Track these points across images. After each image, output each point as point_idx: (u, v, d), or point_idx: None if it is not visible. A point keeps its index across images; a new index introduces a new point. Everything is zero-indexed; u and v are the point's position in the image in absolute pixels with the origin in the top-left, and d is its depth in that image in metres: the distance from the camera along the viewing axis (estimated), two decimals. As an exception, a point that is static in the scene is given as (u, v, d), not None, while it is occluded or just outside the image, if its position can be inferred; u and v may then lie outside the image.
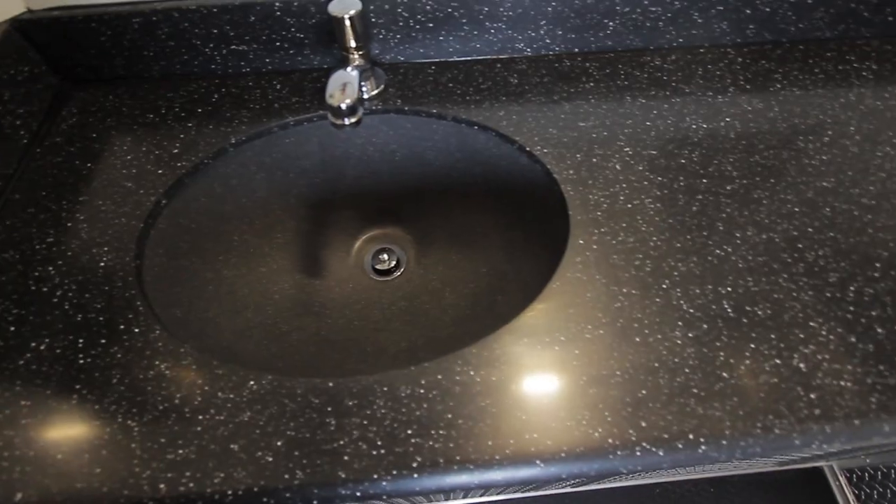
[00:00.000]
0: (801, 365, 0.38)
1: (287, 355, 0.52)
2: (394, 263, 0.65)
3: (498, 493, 0.86)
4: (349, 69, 0.45)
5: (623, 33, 0.58)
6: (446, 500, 0.71)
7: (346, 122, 0.43)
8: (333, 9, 0.47)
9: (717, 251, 0.44)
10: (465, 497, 0.90)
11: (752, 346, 0.39)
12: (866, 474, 1.12)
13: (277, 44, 0.55)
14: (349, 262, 0.66)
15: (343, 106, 0.42)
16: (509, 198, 0.55)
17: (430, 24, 0.54)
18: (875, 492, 1.11)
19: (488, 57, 0.58)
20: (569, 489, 1.13)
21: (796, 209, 0.47)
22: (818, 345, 0.39)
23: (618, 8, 0.55)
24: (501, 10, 0.53)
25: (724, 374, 0.38)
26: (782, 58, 0.59)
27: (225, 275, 0.55)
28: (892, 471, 1.08)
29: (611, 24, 0.56)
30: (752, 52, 0.60)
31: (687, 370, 0.38)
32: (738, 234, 0.45)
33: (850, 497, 1.15)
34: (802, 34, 0.60)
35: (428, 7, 0.52)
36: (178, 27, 0.53)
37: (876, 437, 0.36)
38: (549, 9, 0.54)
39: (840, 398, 0.37)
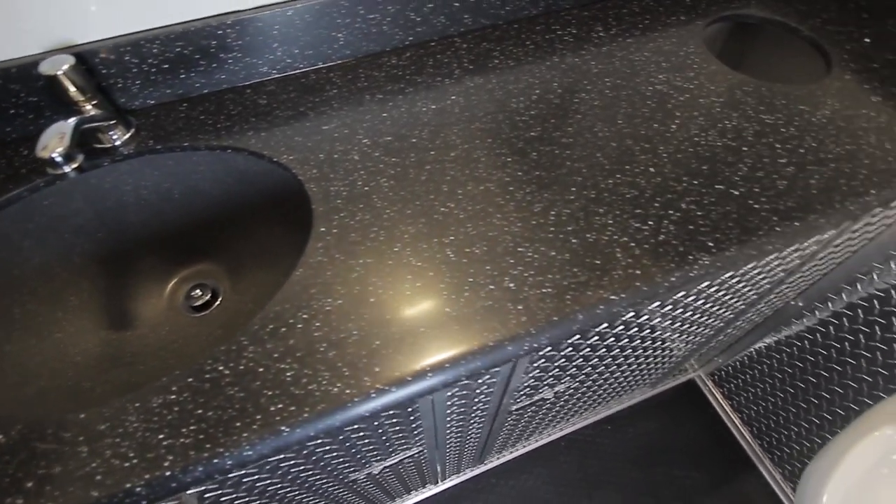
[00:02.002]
0: (511, 285, 0.45)
1: (83, 408, 0.52)
2: (209, 297, 0.67)
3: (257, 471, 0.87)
4: (69, 121, 0.47)
5: (356, 42, 0.64)
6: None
7: (66, 170, 0.44)
8: (44, 68, 0.49)
9: (442, 209, 0.50)
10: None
11: (471, 280, 0.45)
12: (723, 372, 1.27)
13: (12, 111, 0.55)
14: (163, 306, 0.66)
15: (54, 156, 0.44)
16: (278, 206, 0.59)
17: (166, 66, 0.57)
18: (733, 384, 1.26)
19: (237, 85, 0.62)
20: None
21: (508, 159, 0.54)
22: (525, 265, 0.46)
23: (338, 21, 0.61)
24: (228, 41, 0.58)
25: (447, 309, 0.44)
26: (500, 38, 0.69)
27: (7, 350, 0.54)
28: (740, 363, 1.23)
29: (340, 36, 0.63)
30: (476, 37, 0.69)
31: (415, 314, 0.43)
32: (459, 191, 0.52)
33: (719, 396, 1.29)
34: (514, 14, 0.70)
35: (155, 51, 0.56)
36: None
37: (574, 325, 0.44)
38: (275, 31, 0.59)
39: (542, 303, 0.44)
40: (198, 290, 0.67)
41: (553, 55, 0.66)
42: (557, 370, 0.66)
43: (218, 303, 0.67)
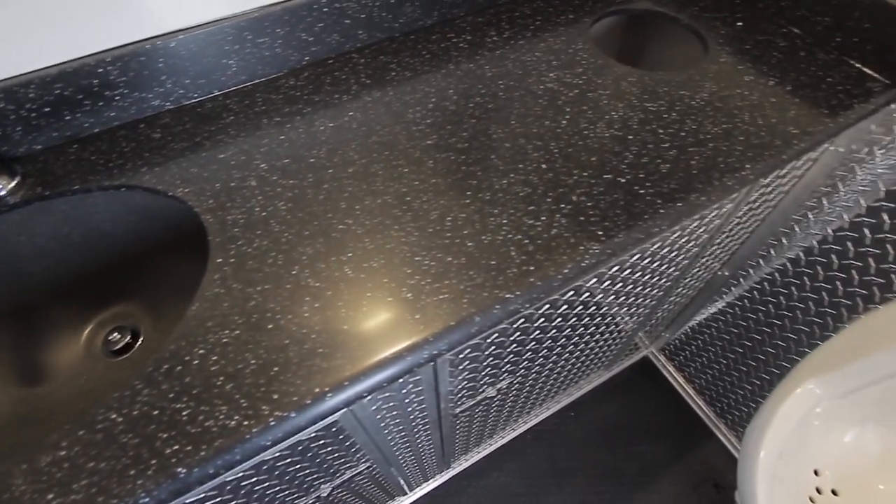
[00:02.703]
0: (409, 295, 0.46)
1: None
2: (129, 338, 0.65)
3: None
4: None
5: (250, 67, 0.64)
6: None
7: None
8: None
9: (340, 226, 0.51)
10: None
11: (369, 294, 0.46)
12: (673, 345, 1.31)
13: None
14: (80, 354, 0.64)
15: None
16: (181, 240, 0.58)
17: (47, 109, 0.56)
18: (683, 356, 1.31)
19: (130, 120, 0.61)
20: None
21: (405, 170, 0.55)
22: (422, 274, 0.47)
23: (227, 49, 0.61)
24: (111, 78, 0.57)
25: (346, 327, 0.44)
26: (397, 50, 0.70)
27: None
28: (687, 335, 1.28)
29: (231, 62, 0.62)
30: (373, 51, 0.69)
31: (313, 335, 0.44)
32: (357, 207, 0.52)
33: (671, 369, 1.34)
34: (409, 26, 0.72)
35: (31, 95, 0.54)
36: None
37: (472, 328, 0.45)
38: (161, 64, 0.58)
39: (439, 309, 0.45)
40: (116, 333, 0.65)
41: (449, 63, 0.67)
42: (490, 369, 0.67)
43: (139, 343, 0.65)
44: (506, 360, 0.68)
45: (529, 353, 0.72)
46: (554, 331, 0.69)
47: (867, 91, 0.64)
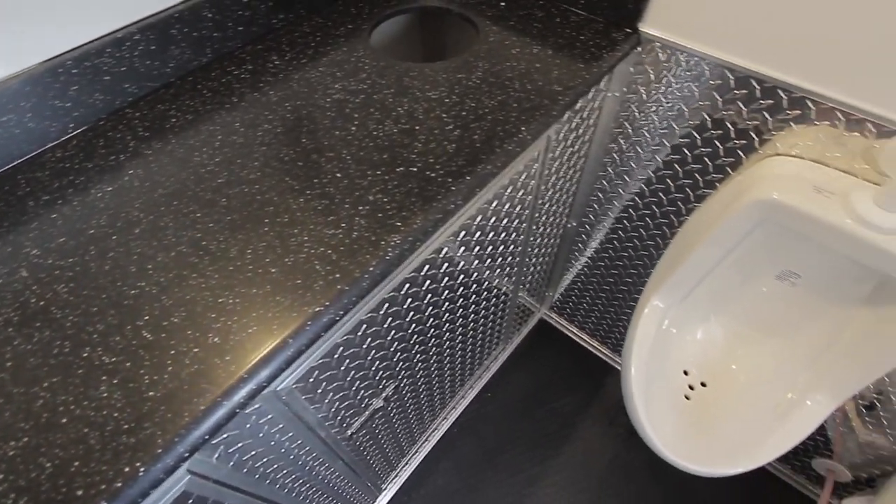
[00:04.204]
0: (216, 339, 0.44)
1: None
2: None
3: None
4: None
5: (2, 149, 0.58)
6: None
7: None
8: None
9: (133, 291, 0.48)
10: None
11: (173, 352, 0.44)
12: (559, 301, 1.41)
13: None
14: None
15: None
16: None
17: None
18: (569, 308, 1.41)
19: None
20: None
21: (198, 214, 0.53)
22: (227, 314, 0.46)
23: (-38, 135, 0.55)
24: None
25: (152, 393, 0.42)
26: (175, 95, 0.67)
27: None
28: (568, 288, 1.37)
29: (-26, 149, 0.56)
30: (148, 101, 0.66)
31: (115, 414, 0.41)
32: (149, 266, 0.49)
33: (564, 322, 1.43)
34: (183, 68, 0.69)
35: None
36: None
37: (288, 352, 0.44)
38: None
39: (249, 344, 0.44)
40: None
41: (232, 96, 0.66)
42: (361, 381, 0.67)
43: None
44: (375, 368, 0.69)
45: (400, 352, 0.73)
46: (415, 322, 0.71)
47: (613, 41, 0.73)
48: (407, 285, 0.61)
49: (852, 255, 0.66)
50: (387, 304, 0.59)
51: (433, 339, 0.82)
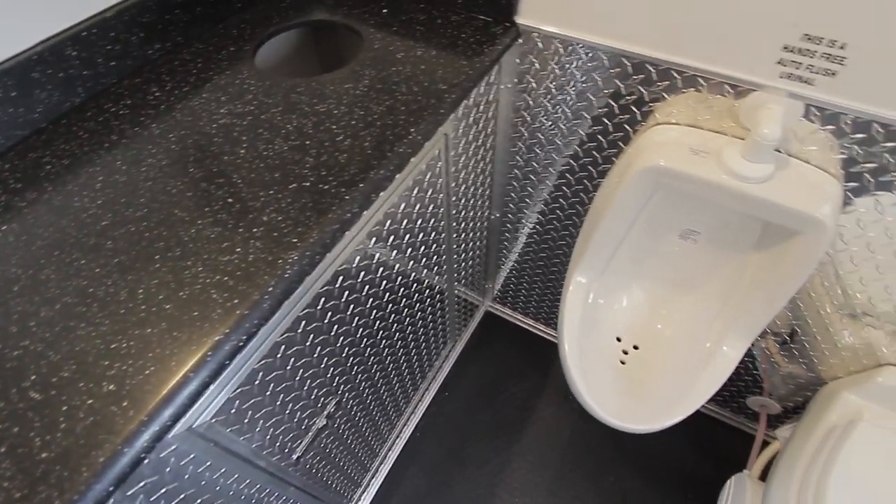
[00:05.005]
0: (112, 387, 0.43)
1: None
2: None
3: None
4: None
5: None
6: None
7: None
8: None
9: (15, 353, 0.45)
10: None
11: (65, 408, 0.42)
12: (500, 292, 1.44)
13: None
14: None
15: None
16: None
17: None
18: (511, 296, 1.44)
19: None
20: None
21: (81, 262, 0.51)
22: (121, 359, 0.44)
23: None
24: None
25: (44, 454, 0.39)
26: (48, 141, 0.64)
27: None
28: (507, 278, 1.40)
29: None
30: (18, 151, 0.63)
31: (5, 483, 0.38)
32: (32, 324, 0.47)
33: (509, 311, 1.46)
34: (54, 112, 0.66)
35: None
36: None
37: (190, 386, 0.43)
38: None
39: (147, 385, 0.43)
40: None
41: (111, 134, 0.64)
42: (295, 403, 0.66)
43: None
44: (308, 387, 0.68)
45: (333, 367, 0.73)
46: (343, 335, 0.71)
47: (492, 36, 0.76)
48: (322, 299, 0.61)
49: (734, 207, 0.71)
50: (304, 322, 0.59)
51: (369, 349, 0.82)
